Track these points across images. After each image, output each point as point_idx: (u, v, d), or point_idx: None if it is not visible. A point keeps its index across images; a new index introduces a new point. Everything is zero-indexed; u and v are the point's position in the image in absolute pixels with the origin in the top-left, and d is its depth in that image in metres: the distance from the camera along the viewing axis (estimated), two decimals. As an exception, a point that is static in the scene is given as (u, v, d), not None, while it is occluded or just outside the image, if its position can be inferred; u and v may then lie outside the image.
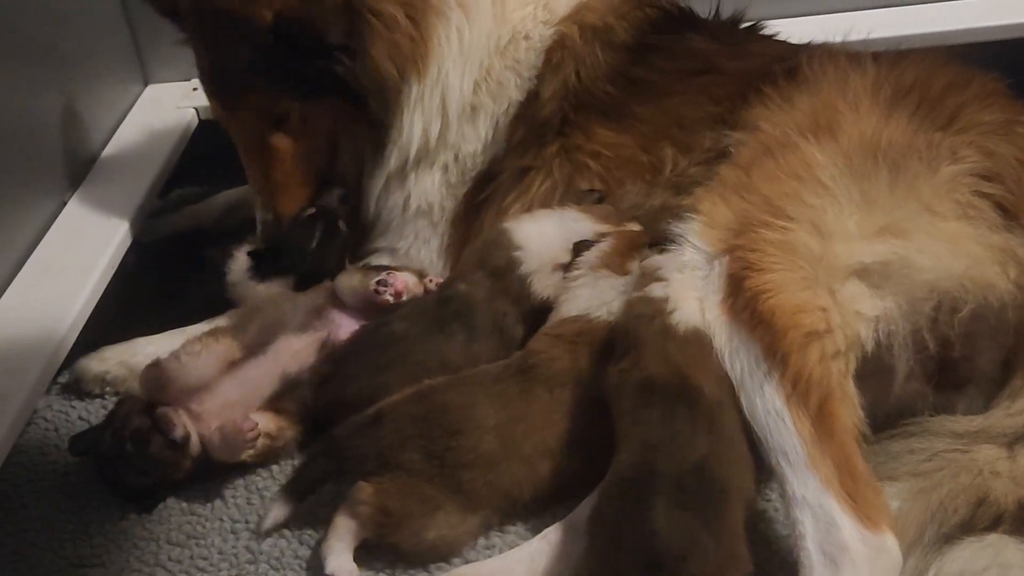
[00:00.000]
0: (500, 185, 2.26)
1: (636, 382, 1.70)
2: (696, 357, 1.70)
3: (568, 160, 2.22)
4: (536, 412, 1.81)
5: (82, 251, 2.28)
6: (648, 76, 2.22)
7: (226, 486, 1.96)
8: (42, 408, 2.17)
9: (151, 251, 2.58)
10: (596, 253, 1.98)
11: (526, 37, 2.26)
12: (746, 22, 2.33)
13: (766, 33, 2.33)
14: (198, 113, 2.81)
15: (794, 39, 2.31)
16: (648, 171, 2.17)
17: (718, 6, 2.36)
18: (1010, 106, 1.95)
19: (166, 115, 2.79)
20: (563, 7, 2.28)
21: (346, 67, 2.10)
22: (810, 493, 1.57)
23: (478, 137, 2.26)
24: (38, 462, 2.06)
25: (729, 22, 2.32)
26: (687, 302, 1.76)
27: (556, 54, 2.24)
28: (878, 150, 1.81)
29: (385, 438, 1.77)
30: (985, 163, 1.80)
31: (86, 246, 2.30)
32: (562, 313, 1.95)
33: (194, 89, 2.83)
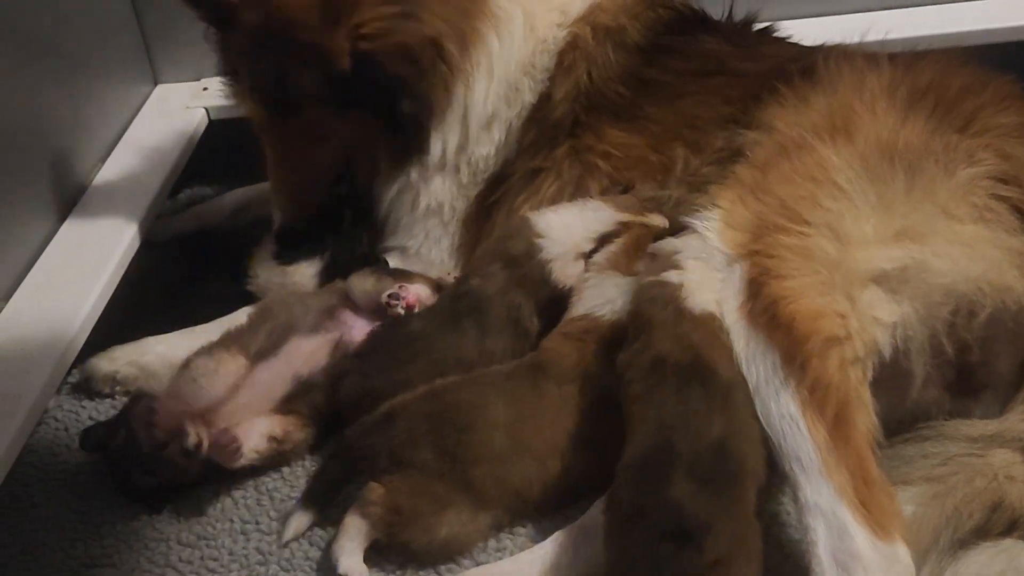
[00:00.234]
0: (511, 186, 2.26)
1: (647, 362, 1.70)
2: (709, 338, 1.70)
3: (578, 161, 2.22)
4: (546, 409, 1.81)
5: (92, 251, 2.28)
6: (660, 77, 2.22)
7: (236, 487, 1.96)
8: (52, 408, 2.17)
9: (161, 251, 2.57)
10: (604, 254, 1.99)
11: (543, 41, 2.26)
12: (760, 23, 2.32)
13: (780, 35, 2.32)
14: (208, 113, 2.80)
15: (809, 40, 2.30)
16: (659, 171, 2.17)
17: (731, 7, 2.35)
18: (1027, 109, 1.94)
19: (176, 115, 2.78)
20: (577, 9, 2.28)
21: (413, 99, 2.13)
22: (823, 500, 1.56)
23: (492, 141, 2.26)
24: (48, 462, 2.06)
25: (742, 24, 2.32)
26: (702, 289, 1.75)
27: (569, 55, 2.24)
28: (895, 152, 1.80)
29: (397, 436, 1.77)
30: (1002, 166, 1.79)
31: (96, 246, 2.29)
32: (571, 312, 1.95)
33: (204, 89, 2.83)
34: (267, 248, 2.30)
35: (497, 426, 1.77)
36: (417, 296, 2.02)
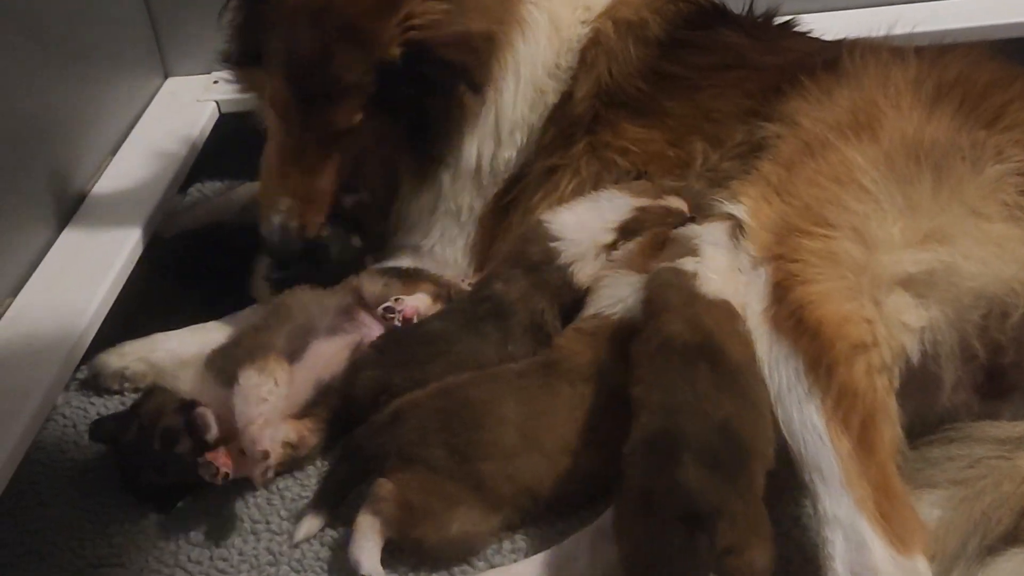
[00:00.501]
0: (528, 184, 2.25)
1: (655, 345, 1.69)
2: (721, 322, 1.68)
3: (596, 157, 2.20)
4: (558, 407, 1.80)
5: (101, 246, 2.27)
6: (680, 71, 2.20)
7: (246, 487, 1.93)
8: (61, 404, 2.15)
9: (171, 245, 2.54)
10: (622, 253, 1.97)
11: (567, 40, 2.24)
12: (781, 17, 2.30)
13: (801, 29, 2.30)
14: (218, 107, 2.79)
15: (833, 35, 2.26)
16: (677, 166, 2.14)
17: (751, 1, 2.33)
18: (1056, 103, 1.91)
19: (186, 108, 2.77)
20: (600, 3, 2.26)
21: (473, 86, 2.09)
22: (843, 512, 1.54)
23: (514, 144, 2.24)
24: (57, 459, 2.04)
25: (763, 17, 2.29)
26: (718, 277, 1.74)
27: (591, 52, 2.23)
28: (920, 151, 1.77)
29: (407, 434, 1.76)
30: (1032, 162, 1.76)
31: (105, 241, 2.28)
32: (585, 310, 1.94)
33: (215, 82, 2.81)
34: (263, 268, 2.25)
35: (508, 423, 1.76)
36: (415, 309, 1.99)
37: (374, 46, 2.00)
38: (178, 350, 2.15)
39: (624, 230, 1.99)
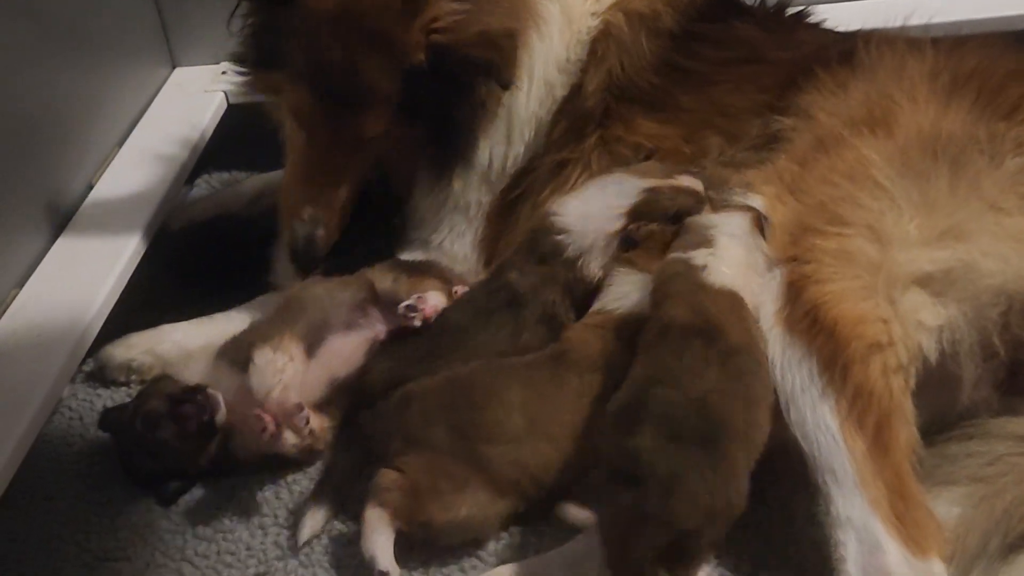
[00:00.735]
0: (537, 179, 2.23)
1: (658, 329, 1.69)
2: (725, 309, 1.67)
3: (607, 152, 2.18)
4: (565, 396, 1.79)
5: (107, 237, 2.26)
6: (693, 65, 2.17)
7: (254, 481, 1.93)
8: (67, 397, 2.15)
9: (178, 237, 2.53)
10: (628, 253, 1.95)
11: (577, 32, 2.21)
12: (794, 7, 2.26)
13: (815, 20, 2.27)
14: (226, 97, 2.77)
15: (850, 25, 2.23)
16: (690, 162, 2.11)
17: (764, -9, 2.30)
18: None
19: (194, 99, 2.76)
20: None
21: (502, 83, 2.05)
22: (856, 514, 1.53)
23: (523, 140, 2.21)
24: (63, 452, 2.04)
25: (776, 8, 2.26)
26: (727, 268, 1.72)
27: (602, 44, 2.19)
28: (937, 145, 1.75)
29: (411, 418, 1.76)
30: (1052, 153, 1.74)
31: (112, 232, 2.28)
32: (594, 306, 1.93)
33: (223, 72, 2.79)
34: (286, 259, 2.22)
35: (514, 408, 1.75)
36: (435, 307, 1.96)
37: (400, 52, 1.97)
38: (184, 342, 2.14)
39: (635, 214, 1.94)
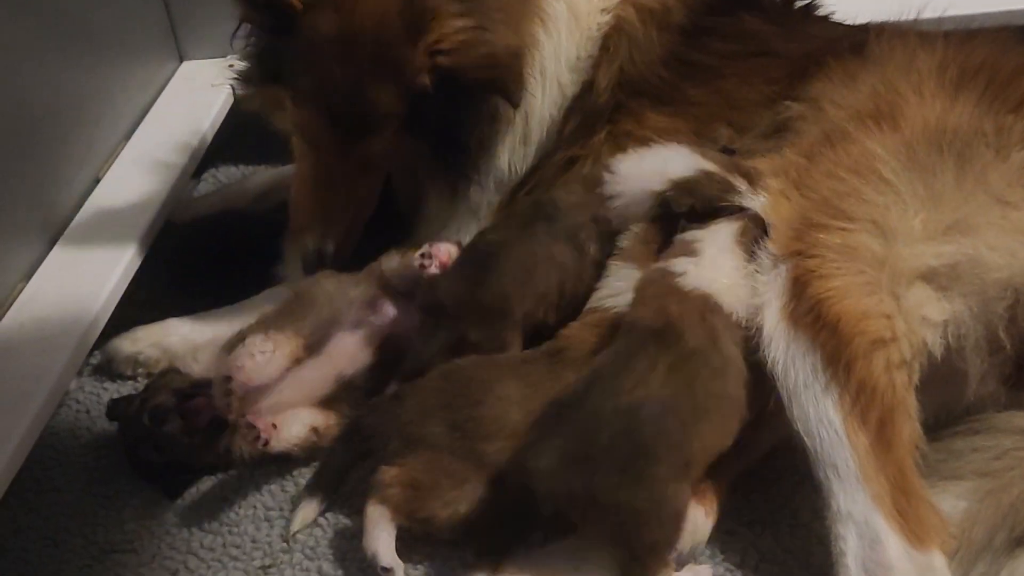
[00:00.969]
0: (545, 175, 2.22)
1: (621, 330, 1.70)
2: (692, 310, 1.67)
3: (617, 147, 2.16)
4: None
5: (114, 230, 2.26)
6: (702, 59, 2.16)
7: (260, 474, 1.93)
8: (74, 390, 2.15)
9: (185, 232, 2.54)
10: (621, 247, 1.95)
11: (587, 29, 2.19)
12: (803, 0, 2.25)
13: (824, 12, 2.25)
14: (234, 91, 2.75)
15: (860, 18, 2.23)
16: None
17: (774, -18, 2.28)
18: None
19: (201, 93, 2.76)
20: None
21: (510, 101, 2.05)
22: (857, 509, 1.52)
23: (537, 141, 2.21)
24: (70, 445, 2.04)
25: (785, 0, 2.24)
26: (706, 272, 1.72)
27: (613, 39, 2.18)
28: (943, 139, 1.74)
29: (406, 414, 1.75)
30: (1061, 146, 1.72)
31: (119, 225, 2.28)
32: (589, 303, 1.93)
33: (230, 67, 2.78)
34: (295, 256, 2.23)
35: (511, 404, 1.74)
36: (448, 253, 1.96)
37: (405, 75, 1.97)
38: (191, 335, 2.14)
39: (682, 185, 1.91)
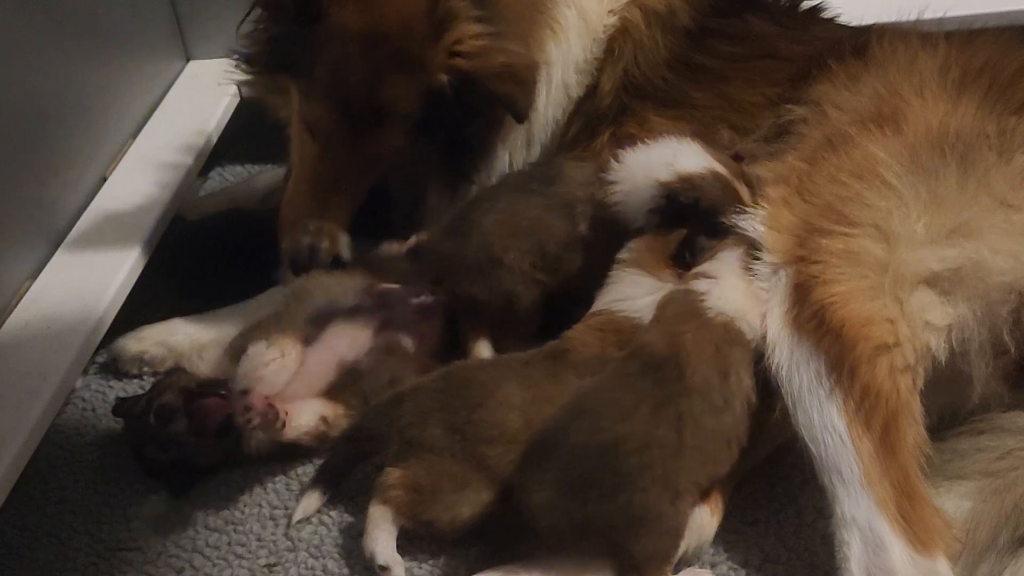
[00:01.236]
0: None
1: (628, 352, 1.69)
2: (708, 342, 1.66)
3: (619, 149, 2.16)
4: (564, 395, 1.76)
5: (121, 229, 2.26)
6: (706, 61, 2.17)
7: (265, 472, 1.93)
8: (80, 388, 2.15)
9: (191, 229, 2.54)
10: (628, 252, 1.94)
11: (594, 31, 2.20)
12: (809, 1, 2.25)
13: (829, 14, 2.25)
14: (240, 90, 2.76)
15: (862, 19, 2.24)
16: None
17: (779, -17, 2.28)
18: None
19: (207, 92, 2.75)
20: None
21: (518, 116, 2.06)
22: (861, 514, 1.52)
23: (540, 143, 2.22)
24: (75, 443, 2.04)
25: (790, 2, 2.24)
26: (729, 296, 1.71)
27: (618, 42, 2.19)
28: (945, 142, 1.74)
29: (405, 416, 1.75)
30: (1063, 147, 1.72)
31: (125, 224, 2.28)
32: (594, 306, 1.93)
33: (236, 66, 2.78)
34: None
35: (511, 407, 1.74)
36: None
37: (423, 73, 1.97)
38: (196, 335, 2.14)
39: (688, 180, 1.92)
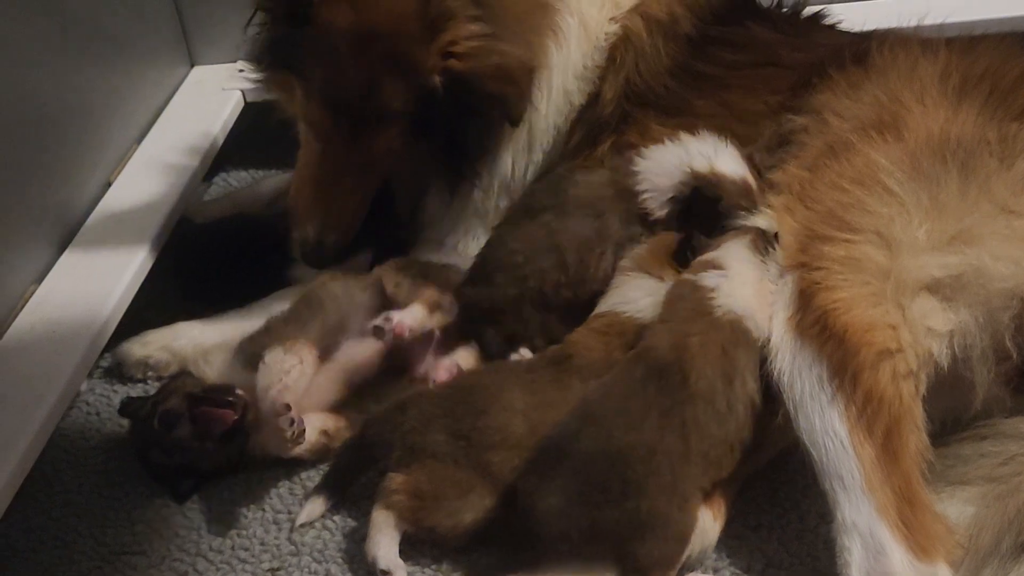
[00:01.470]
0: None
1: (634, 353, 1.69)
2: (714, 346, 1.66)
3: (621, 157, 2.16)
4: (568, 401, 1.76)
5: (126, 233, 2.26)
6: (708, 69, 2.17)
7: (269, 476, 1.93)
8: (85, 392, 2.16)
9: (196, 234, 2.54)
10: (630, 256, 1.95)
11: (595, 39, 2.20)
12: (811, 6, 2.25)
13: (831, 21, 2.26)
14: (244, 95, 2.78)
15: (864, 25, 2.23)
16: None
17: (780, -8, 2.29)
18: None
19: (212, 97, 2.76)
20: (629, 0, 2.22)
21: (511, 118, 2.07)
22: (862, 519, 1.52)
23: (543, 149, 2.22)
24: (80, 447, 2.05)
25: (792, 9, 2.25)
26: (738, 291, 1.71)
27: (619, 50, 2.19)
28: (946, 148, 1.74)
29: (409, 422, 1.75)
30: (1064, 154, 1.72)
31: (130, 228, 2.28)
32: (597, 308, 1.93)
33: (240, 71, 2.79)
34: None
35: (515, 412, 1.74)
36: (405, 327, 1.90)
37: (417, 74, 1.98)
38: (201, 339, 2.14)
39: (712, 177, 1.93)
